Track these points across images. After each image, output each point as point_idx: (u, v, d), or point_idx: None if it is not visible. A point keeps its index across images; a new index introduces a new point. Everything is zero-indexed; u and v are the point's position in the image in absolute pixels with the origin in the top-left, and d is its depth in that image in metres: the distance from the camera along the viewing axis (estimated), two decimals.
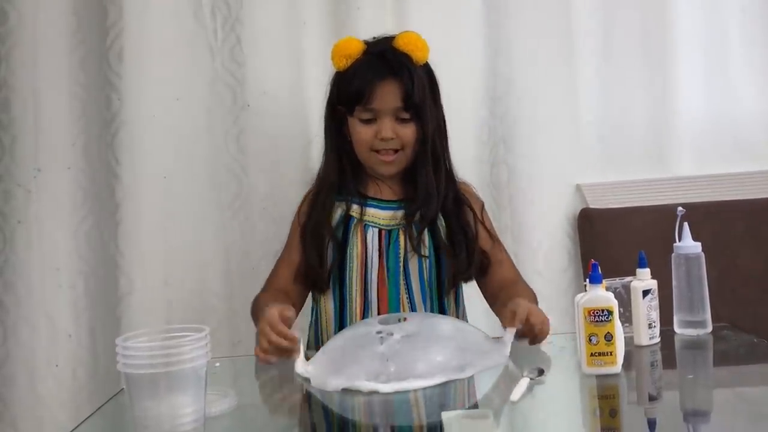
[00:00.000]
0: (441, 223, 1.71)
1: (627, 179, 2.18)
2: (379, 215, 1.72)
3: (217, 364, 1.56)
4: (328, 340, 1.67)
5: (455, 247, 1.69)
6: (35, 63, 2.04)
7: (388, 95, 1.66)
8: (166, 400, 1.12)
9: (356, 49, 1.68)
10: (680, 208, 1.60)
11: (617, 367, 1.34)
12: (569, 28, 2.17)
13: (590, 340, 1.34)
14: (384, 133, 1.66)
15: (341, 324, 1.71)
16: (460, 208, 1.73)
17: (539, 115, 2.15)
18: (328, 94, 1.74)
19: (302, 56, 2.10)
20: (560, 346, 1.55)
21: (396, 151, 1.69)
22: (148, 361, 1.11)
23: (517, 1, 2.15)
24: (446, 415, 1.14)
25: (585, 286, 1.39)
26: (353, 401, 1.36)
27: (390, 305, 1.68)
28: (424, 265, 1.69)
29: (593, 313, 1.34)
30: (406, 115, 1.67)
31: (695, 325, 1.57)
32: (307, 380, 1.40)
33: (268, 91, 2.08)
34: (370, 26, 2.06)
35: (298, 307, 1.73)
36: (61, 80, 2.06)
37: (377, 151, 1.69)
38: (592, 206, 2.13)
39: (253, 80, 2.08)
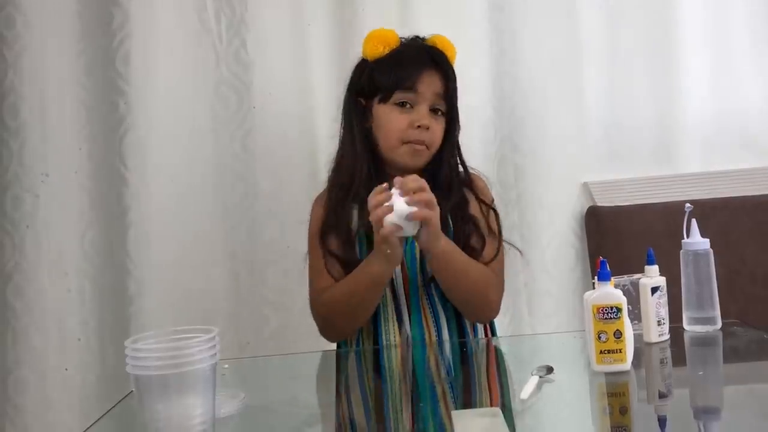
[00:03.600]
0: (449, 222, 1.67)
1: (634, 177, 2.18)
2: None
3: (226, 366, 1.56)
4: (364, 339, 1.66)
5: (459, 245, 1.64)
6: (42, 68, 2.05)
7: (430, 82, 1.63)
8: (176, 401, 1.12)
9: (393, 39, 1.66)
10: (688, 205, 1.60)
11: (627, 365, 1.33)
12: (575, 27, 2.17)
13: (599, 337, 1.33)
14: (421, 120, 1.62)
15: (376, 325, 1.65)
16: (465, 205, 1.69)
17: (546, 114, 2.15)
18: (348, 84, 1.69)
19: (307, 57, 2.10)
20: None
21: (426, 145, 1.64)
22: (157, 362, 1.11)
23: (522, 2, 2.15)
24: (456, 414, 1.14)
25: (594, 283, 1.39)
26: (363, 402, 1.36)
27: (412, 304, 1.64)
28: None
29: (602, 310, 1.34)
30: (443, 107, 1.65)
31: (704, 321, 1.56)
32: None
33: (273, 92, 2.08)
34: (375, 28, 2.07)
35: None
36: (68, 85, 2.07)
37: (407, 143, 1.63)
38: (599, 204, 2.13)
39: (259, 82, 2.08)
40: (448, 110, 1.66)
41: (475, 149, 2.10)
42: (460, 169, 1.73)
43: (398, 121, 1.62)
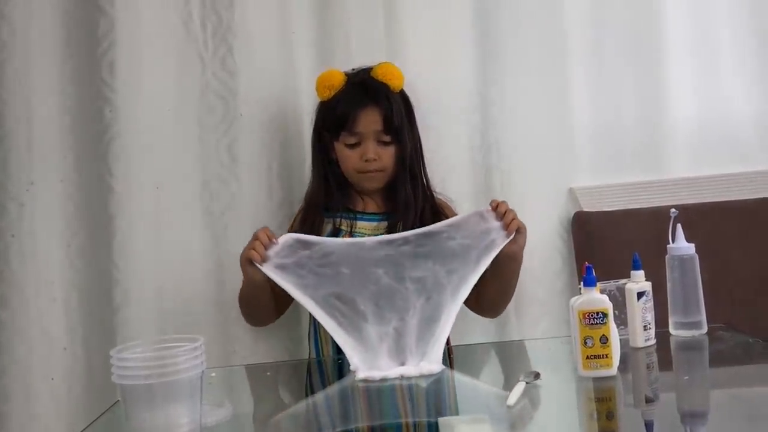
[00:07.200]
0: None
1: (620, 182, 2.18)
2: (365, 226, 1.87)
3: (213, 374, 1.56)
4: (329, 350, 1.77)
5: None
6: (27, 76, 2.04)
7: (369, 120, 1.83)
8: (162, 410, 1.12)
9: (338, 80, 1.86)
10: (673, 210, 1.61)
11: (613, 370, 1.34)
12: (560, 33, 2.17)
13: (585, 342, 1.34)
14: (368, 155, 1.83)
15: None
16: (437, 219, 1.82)
17: (531, 120, 2.15)
18: (313, 122, 1.91)
19: (293, 65, 2.10)
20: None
21: (378, 171, 1.85)
22: (142, 372, 1.11)
23: (508, 8, 2.15)
24: (443, 420, 1.14)
25: (580, 289, 1.39)
26: (349, 408, 1.36)
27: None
28: None
29: (588, 315, 1.34)
30: (387, 138, 1.84)
31: (690, 326, 1.57)
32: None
33: (259, 100, 2.08)
34: (360, 36, 2.07)
35: (283, 306, 1.88)
36: (53, 93, 2.06)
37: (362, 173, 1.86)
38: (585, 209, 2.13)
39: (245, 89, 2.07)
40: (396, 137, 1.85)
41: (462, 156, 2.11)
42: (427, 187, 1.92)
43: (350, 158, 1.86)
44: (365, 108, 1.83)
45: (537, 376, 1.34)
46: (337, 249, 1.69)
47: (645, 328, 1.51)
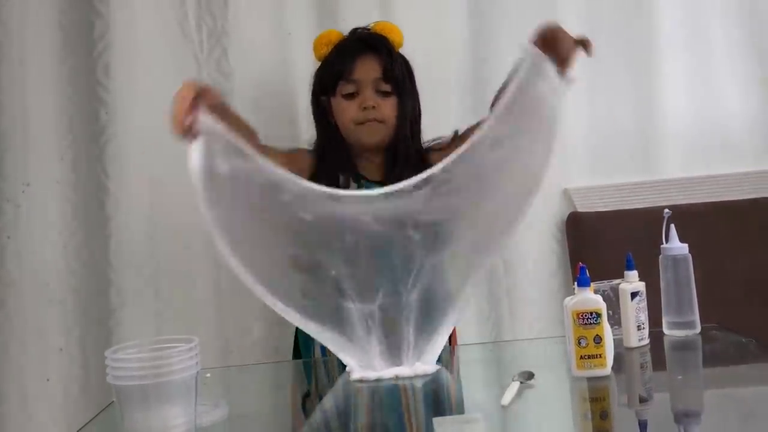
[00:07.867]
0: None
1: (614, 182, 2.19)
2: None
3: (208, 375, 1.56)
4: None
5: None
6: (23, 78, 2.05)
7: (368, 67, 1.74)
8: (156, 411, 1.12)
9: (335, 37, 1.81)
10: (667, 210, 1.61)
11: (607, 369, 1.34)
12: None
13: (579, 342, 1.34)
14: (366, 102, 1.72)
15: None
16: None
17: None
18: (311, 87, 1.82)
19: (288, 66, 2.10)
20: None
21: (378, 121, 1.74)
22: (137, 372, 1.11)
23: (503, 7, 2.16)
24: (437, 421, 1.15)
25: (574, 289, 1.40)
26: (343, 408, 1.36)
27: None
28: None
29: (582, 315, 1.35)
30: (387, 88, 1.74)
31: (684, 326, 1.57)
32: None
33: (255, 101, 2.08)
34: None
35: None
36: (49, 95, 2.06)
37: (362, 124, 1.74)
38: (580, 210, 2.14)
39: (240, 91, 2.08)
40: (396, 88, 1.75)
41: None
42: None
43: (348, 108, 1.75)
44: (363, 56, 1.75)
45: (531, 376, 1.35)
46: (291, 187, 1.39)
47: (638, 328, 1.51)
